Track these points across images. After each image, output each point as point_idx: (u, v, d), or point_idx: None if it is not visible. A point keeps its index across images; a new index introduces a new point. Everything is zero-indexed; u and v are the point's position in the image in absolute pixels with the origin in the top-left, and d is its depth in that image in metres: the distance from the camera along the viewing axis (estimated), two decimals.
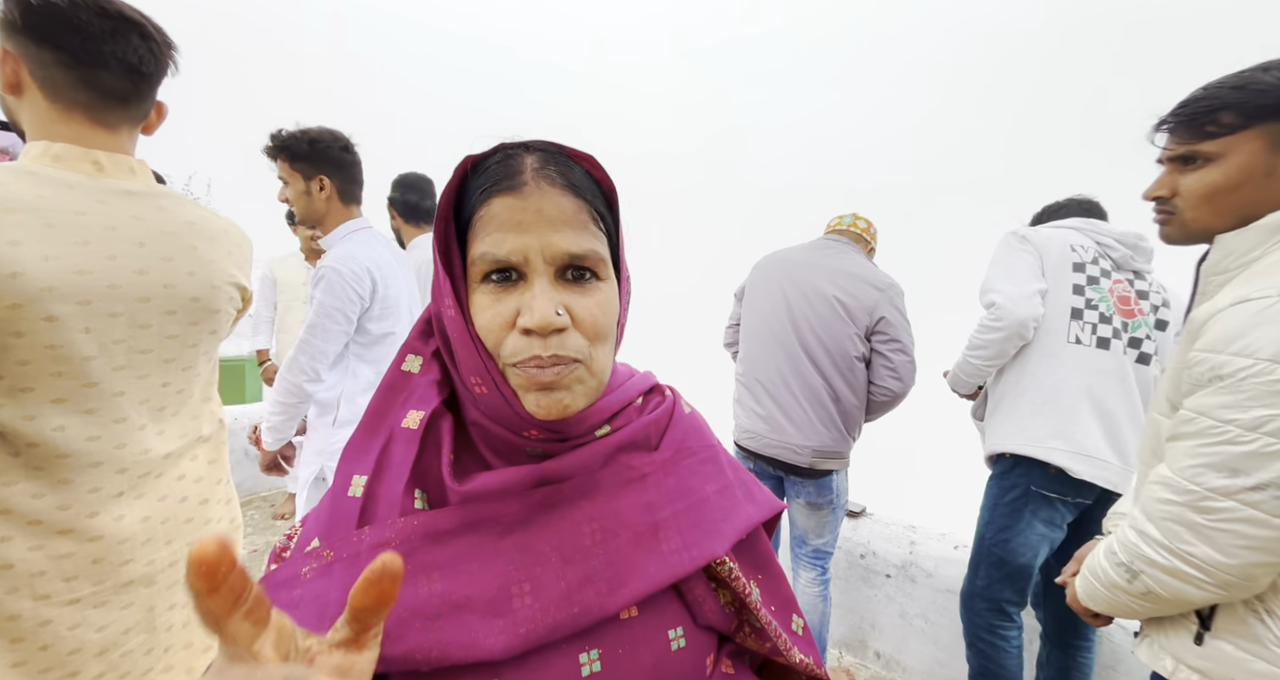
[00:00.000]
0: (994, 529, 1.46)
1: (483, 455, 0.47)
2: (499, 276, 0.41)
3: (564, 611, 0.42)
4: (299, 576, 0.41)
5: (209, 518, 1.00)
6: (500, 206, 0.41)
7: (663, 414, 0.54)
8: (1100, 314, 1.41)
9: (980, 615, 1.49)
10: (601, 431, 0.49)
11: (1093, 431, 1.37)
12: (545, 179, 0.42)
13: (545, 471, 0.45)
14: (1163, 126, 0.87)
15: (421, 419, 0.46)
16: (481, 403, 0.44)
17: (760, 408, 1.72)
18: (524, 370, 0.41)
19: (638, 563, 0.45)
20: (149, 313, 0.87)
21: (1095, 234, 1.49)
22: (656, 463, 0.51)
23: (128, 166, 0.87)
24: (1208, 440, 0.73)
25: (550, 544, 0.44)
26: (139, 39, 0.83)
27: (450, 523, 0.43)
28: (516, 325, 0.41)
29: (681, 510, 0.49)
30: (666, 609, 0.47)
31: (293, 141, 1.47)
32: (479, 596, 0.41)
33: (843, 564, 2.11)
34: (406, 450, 0.45)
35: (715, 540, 0.48)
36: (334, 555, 0.41)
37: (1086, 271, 1.44)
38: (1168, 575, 0.76)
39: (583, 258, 0.42)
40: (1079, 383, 1.39)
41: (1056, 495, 1.39)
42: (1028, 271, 1.44)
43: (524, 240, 0.40)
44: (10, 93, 0.81)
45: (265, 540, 2.92)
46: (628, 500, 0.48)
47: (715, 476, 0.53)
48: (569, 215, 0.42)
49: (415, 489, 0.45)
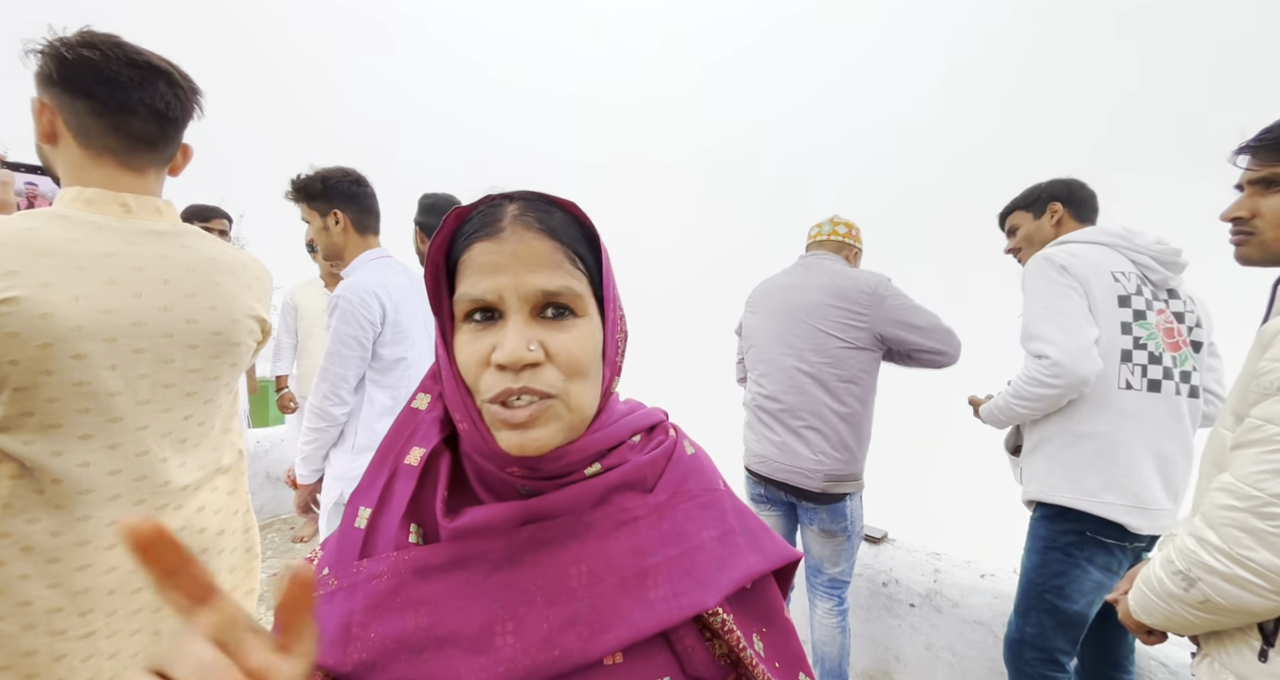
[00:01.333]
0: (1046, 575, 1.36)
1: (476, 492, 0.48)
2: (480, 316, 0.43)
3: (544, 654, 0.41)
4: None
5: (223, 547, 1.01)
6: (480, 250, 0.43)
7: (660, 455, 0.53)
8: (1150, 353, 1.31)
9: (1030, 665, 1.39)
10: (591, 470, 0.48)
11: (1150, 481, 1.29)
12: (522, 224, 0.44)
13: (532, 509, 0.45)
14: (1246, 150, 0.90)
15: (422, 456, 0.48)
16: (465, 439, 0.46)
17: (772, 434, 1.70)
18: (496, 407, 0.42)
19: (622, 608, 0.44)
20: (172, 348, 0.90)
21: (1131, 251, 1.36)
22: (650, 505, 0.50)
23: (154, 207, 0.91)
24: (1273, 447, 0.74)
25: (536, 584, 0.44)
26: (166, 86, 0.88)
27: (439, 559, 0.44)
28: (491, 361, 0.42)
29: (673, 557, 0.48)
30: (654, 658, 0.46)
31: (308, 183, 1.56)
32: (462, 632, 0.42)
33: (864, 593, 2.04)
34: (405, 486, 0.47)
35: (706, 590, 0.47)
36: (338, 584, 0.44)
37: (1133, 305, 1.32)
38: (1226, 582, 0.76)
39: (557, 294, 0.43)
40: (1133, 431, 1.29)
41: (1114, 541, 1.30)
42: (1079, 316, 1.30)
43: (499, 280, 0.42)
44: (47, 142, 0.86)
45: (285, 563, 2.95)
46: (618, 543, 0.47)
47: (714, 522, 0.52)
48: (543, 256, 0.43)
49: (411, 523, 0.46)
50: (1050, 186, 1.59)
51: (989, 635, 1.74)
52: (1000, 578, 1.83)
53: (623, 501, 0.49)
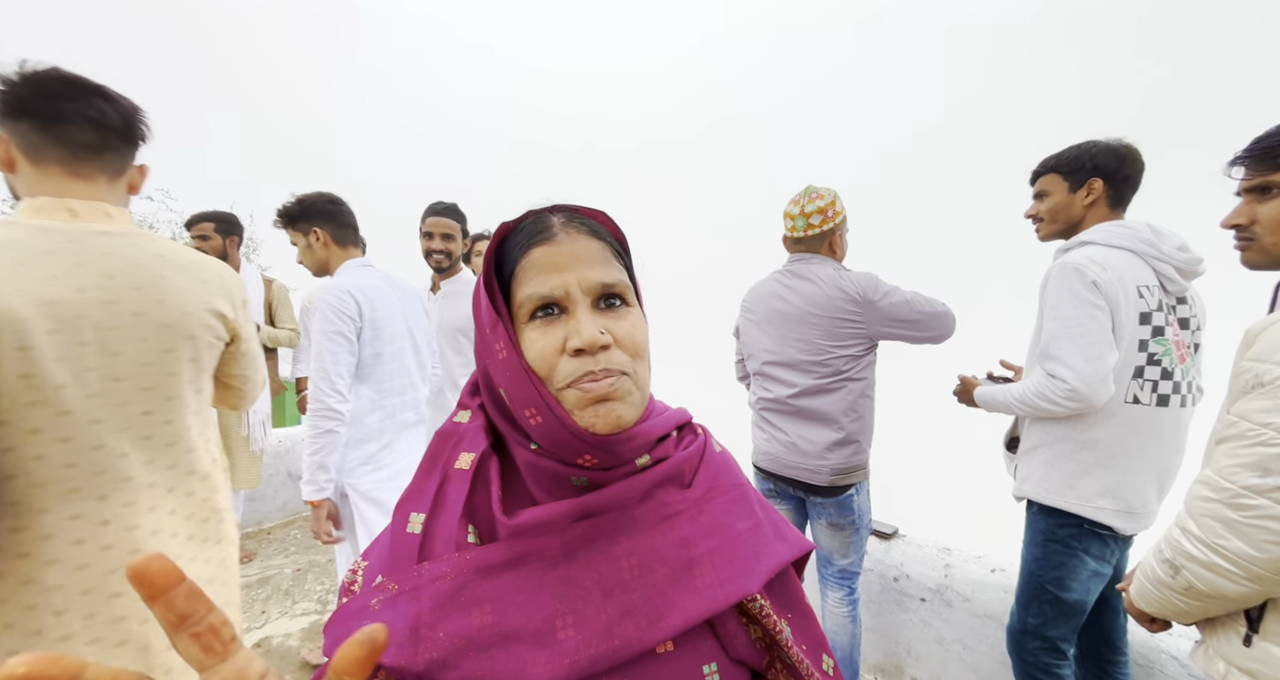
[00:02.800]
0: (1047, 566, 1.39)
1: (530, 491, 0.51)
2: (543, 313, 0.47)
3: (605, 644, 0.44)
4: (368, 608, 0.45)
5: (195, 555, 1.00)
6: (539, 254, 0.48)
7: (695, 451, 0.56)
8: (1163, 369, 1.30)
9: (1034, 655, 1.42)
10: (642, 461, 0.52)
11: (1144, 488, 1.32)
12: (573, 228, 0.50)
13: (585, 505, 0.48)
14: (1238, 161, 0.95)
15: (473, 460, 0.50)
16: (537, 432, 0.48)
17: (780, 434, 1.73)
18: (578, 388, 0.45)
19: (674, 598, 0.47)
20: (120, 341, 0.90)
21: (1156, 260, 1.31)
22: (690, 500, 0.53)
23: (103, 212, 0.94)
24: (1245, 442, 0.79)
25: (591, 578, 0.46)
26: (99, 99, 0.93)
27: (499, 557, 0.46)
28: (566, 349, 0.46)
29: (715, 547, 0.51)
30: (701, 644, 0.49)
31: (288, 209, 1.71)
32: (526, 628, 0.44)
33: (875, 587, 2.06)
34: (459, 489, 0.49)
35: (749, 577, 0.50)
36: (398, 588, 0.45)
37: (1153, 321, 1.30)
38: (1205, 569, 0.82)
39: (613, 286, 0.48)
40: (1135, 444, 1.31)
41: (1109, 532, 1.33)
42: (1103, 342, 1.26)
43: (564, 277, 0.47)
44: (7, 170, 0.92)
45: (309, 559, 3.02)
46: (664, 536, 0.50)
47: (746, 515, 0.55)
48: (596, 254, 0.49)
49: (469, 524, 0.48)
50: (1098, 155, 1.41)
51: (999, 628, 1.76)
52: (1010, 572, 1.84)
53: (665, 496, 0.52)
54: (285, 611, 2.51)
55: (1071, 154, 1.44)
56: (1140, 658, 1.51)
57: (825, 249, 1.71)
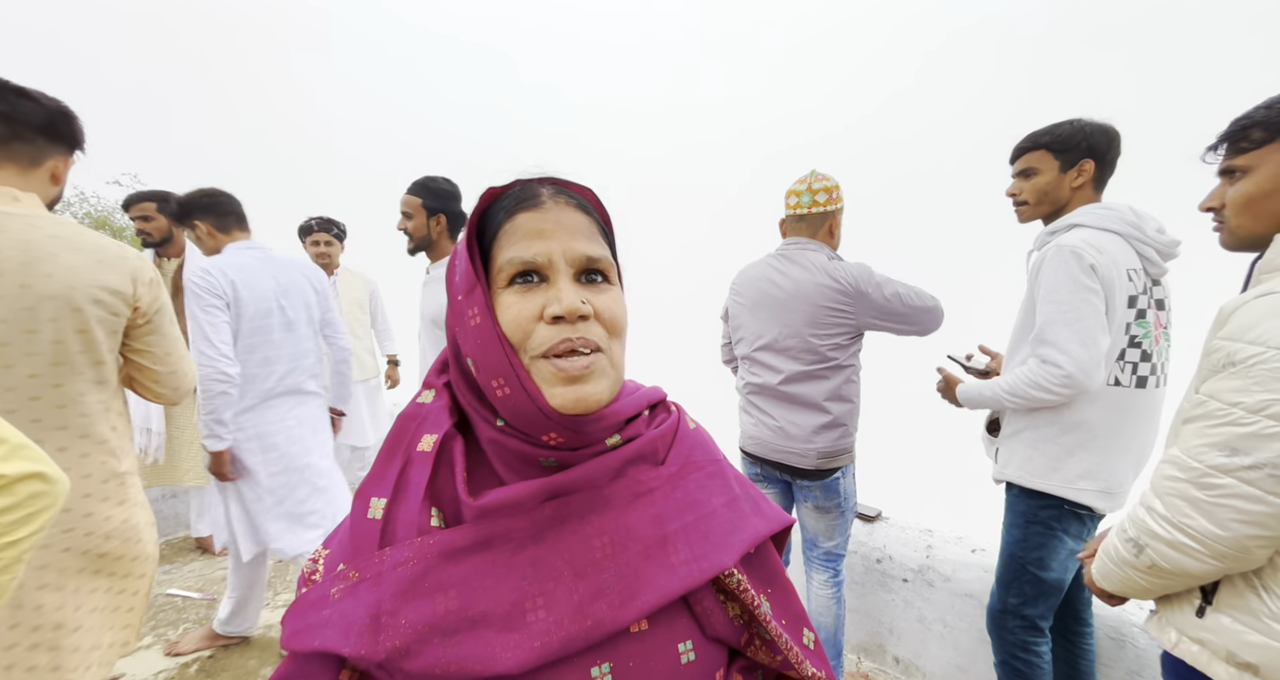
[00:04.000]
0: (1029, 547, 1.42)
1: (496, 472, 0.49)
2: (523, 279, 0.46)
3: (577, 624, 0.43)
4: (328, 597, 0.44)
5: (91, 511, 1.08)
6: (524, 219, 0.47)
7: (668, 429, 0.55)
8: (1143, 351, 1.33)
9: (1014, 633, 1.45)
10: (612, 441, 0.50)
11: (1123, 469, 1.35)
12: (561, 198, 0.49)
13: (554, 484, 0.46)
14: (1212, 147, 0.96)
15: (435, 441, 0.48)
16: (503, 406, 0.46)
17: (768, 419, 1.74)
18: (552, 362, 0.44)
19: (648, 575, 0.46)
20: (4, 308, 0.99)
21: (1141, 243, 1.32)
22: (663, 477, 0.52)
23: (11, 196, 1.04)
24: (1214, 421, 0.80)
25: (562, 558, 0.45)
26: (15, 96, 1.05)
27: (465, 540, 0.44)
28: (544, 315, 0.44)
29: (690, 523, 0.50)
30: (676, 622, 0.48)
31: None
32: (494, 612, 0.42)
33: (859, 569, 2.10)
34: (421, 472, 0.47)
35: (724, 552, 0.49)
36: (359, 576, 0.44)
37: (1137, 304, 1.32)
38: (1169, 547, 0.83)
39: (597, 261, 0.47)
40: (1115, 425, 1.33)
41: (1088, 512, 1.36)
42: (1098, 326, 1.27)
43: (548, 245, 0.46)
44: None
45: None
46: (636, 513, 0.49)
47: (721, 490, 0.54)
48: (582, 226, 0.48)
49: (431, 508, 0.47)
50: (1091, 135, 1.38)
51: (979, 607, 1.80)
52: (990, 552, 1.88)
53: (637, 474, 0.51)
54: (268, 602, 2.48)
55: (1065, 131, 1.39)
56: (1112, 632, 1.56)
57: (824, 233, 1.70)
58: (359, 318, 3.04)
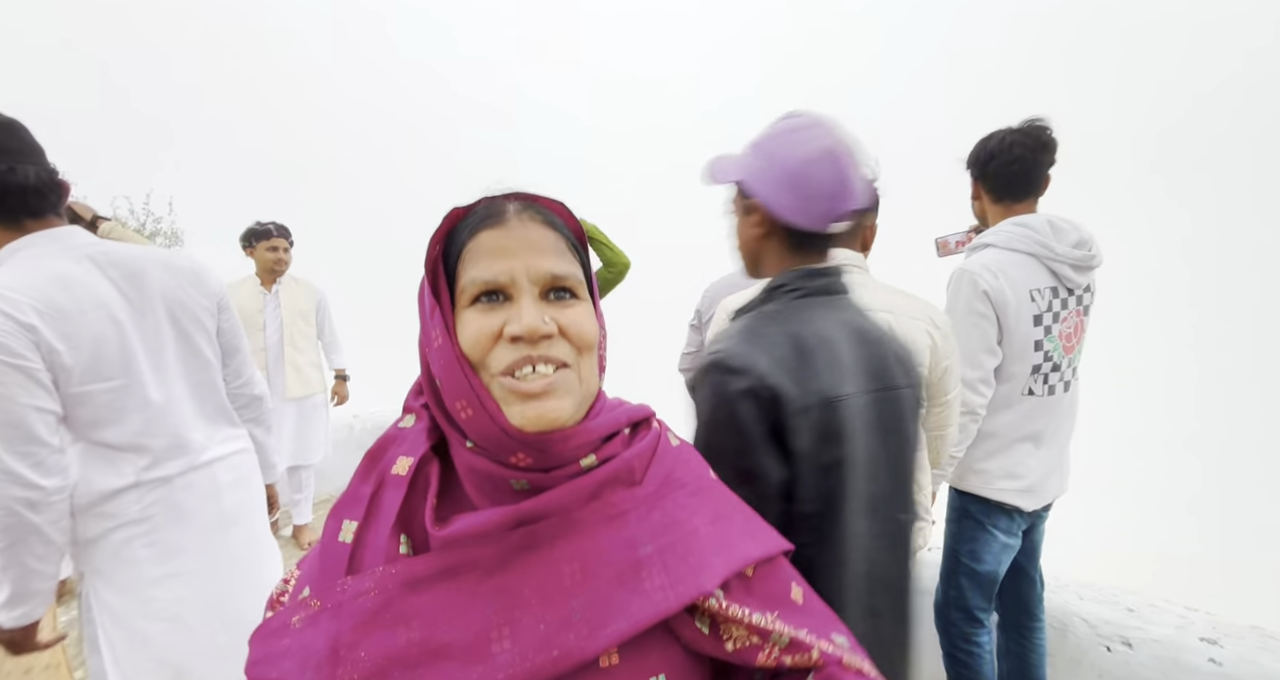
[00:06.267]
0: (962, 540, 1.52)
1: (470, 497, 0.48)
2: (486, 298, 0.45)
3: (543, 655, 0.41)
4: (289, 626, 0.43)
5: None
6: (487, 238, 0.46)
7: (646, 447, 0.52)
8: (1053, 363, 1.41)
9: (955, 625, 1.54)
10: (587, 462, 0.48)
11: (1036, 466, 1.45)
12: (526, 215, 0.48)
13: (523, 511, 0.44)
14: None
15: (410, 465, 0.47)
16: (469, 427, 0.45)
17: None
18: (509, 381, 0.43)
19: (619, 602, 0.44)
20: None
21: (1052, 260, 1.34)
22: (639, 499, 0.49)
23: None
24: None
25: (529, 586, 0.43)
26: None
27: (428, 569, 0.43)
28: (504, 335, 0.44)
29: (666, 545, 0.47)
30: (650, 654, 0.46)
31: None
32: (457, 643, 0.41)
33: None
34: (394, 496, 0.46)
35: (703, 575, 0.46)
36: (320, 605, 0.43)
37: (1043, 322, 1.37)
38: None
39: (564, 278, 0.47)
40: (1030, 429, 1.44)
41: (1014, 508, 1.47)
42: (981, 349, 1.36)
43: (510, 263, 0.45)
44: None
45: None
46: (608, 537, 0.46)
47: (706, 509, 0.52)
48: (549, 244, 0.47)
49: (401, 534, 0.45)
50: (973, 151, 1.43)
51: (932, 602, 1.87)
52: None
53: (611, 496, 0.48)
54: None
55: (973, 148, 1.44)
56: (1055, 622, 1.65)
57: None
58: (303, 330, 2.88)
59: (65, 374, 1.02)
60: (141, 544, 1.13)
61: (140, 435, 1.12)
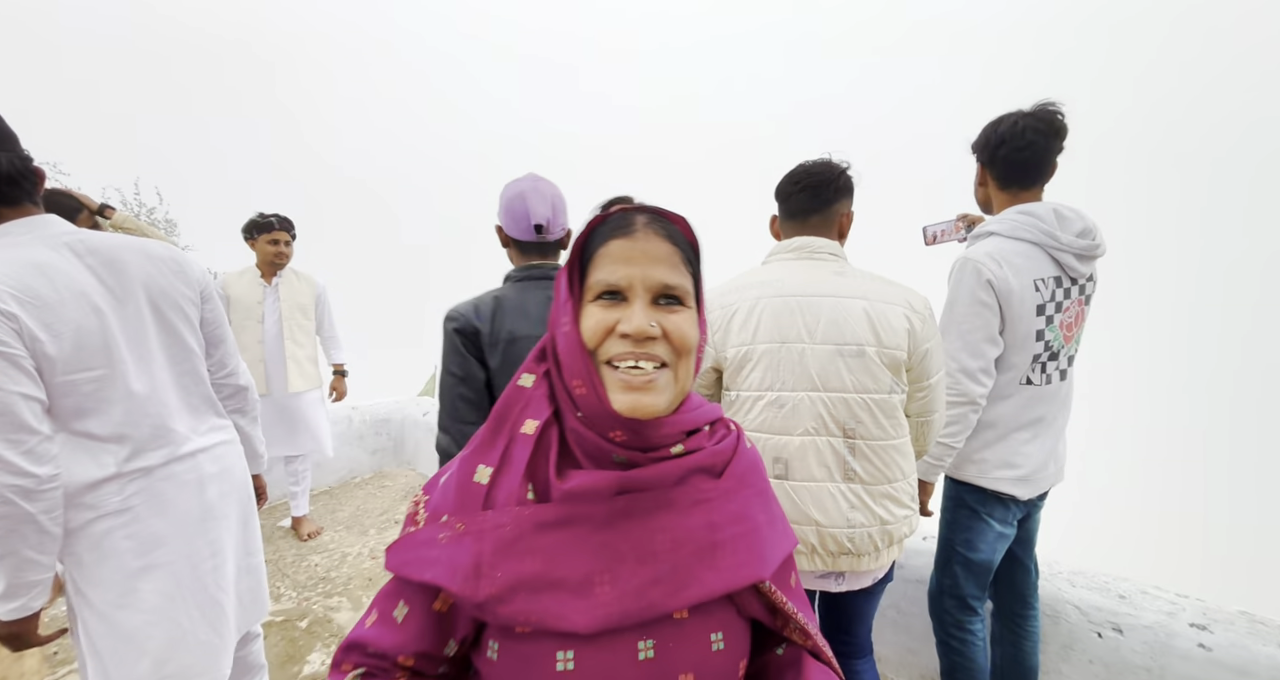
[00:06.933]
0: (957, 529, 1.51)
1: (578, 459, 0.57)
2: (608, 297, 0.54)
3: (635, 603, 0.52)
4: (436, 540, 0.53)
5: None
6: (616, 246, 0.55)
7: (728, 446, 0.62)
8: (1052, 352, 1.39)
9: (949, 613, 1.54)
10: (676, 449, 0.57)
11: (1033, 455, 1.44)
12: (651, 229, 0.56)
13: (626, 479, 0.54)
14: None
15: (537, 426, 0.57)
16: (580, 403, 0.55)
17: None
18: (620, 371, 0.52)
19: (698, 573, 0.54)
20: None
21: (1056, 249, 1.33)
22: (720, 490, 0.59)
23: None
24: None
25: (629, 545, 0.54)
26: None
27: (552, 516, 0.53)
28: (616, 331, 0.52)
29: (738, 534, 0.58)
30: (712, 615, 0.57)
31: None
32: (569, 578, 0.51)
33: None
34: (523, 451, 0.56)
35: (762, 564, 0.58)
36: (464, 528, 0.53)
37: (1046, 312, 1.36)
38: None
39: (674, 288, 0.54)
40: (1027, 417, 1.42)
41: (1010, 497, 1.46)
42: (984, 339, 1.35)
43: (630, 271, 0.53)
44: None
45: None
46: (695, 519, 0.57)
47: (765, 509, 0.63)
48: (665, 256, 0.55)
49: (529, 483, 0.55)
50: (980, 137, 1.40)
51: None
52: None
53: (698, 483, 0.58)
54: None
55: (979, 133, 1.42)
56: (1047, 609, 1.67)
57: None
58: (301, 324, 2.89)
59: (49, 363, 1.01)
60: (122, 535, 1.12)
61: (122, 425, 1.12)
